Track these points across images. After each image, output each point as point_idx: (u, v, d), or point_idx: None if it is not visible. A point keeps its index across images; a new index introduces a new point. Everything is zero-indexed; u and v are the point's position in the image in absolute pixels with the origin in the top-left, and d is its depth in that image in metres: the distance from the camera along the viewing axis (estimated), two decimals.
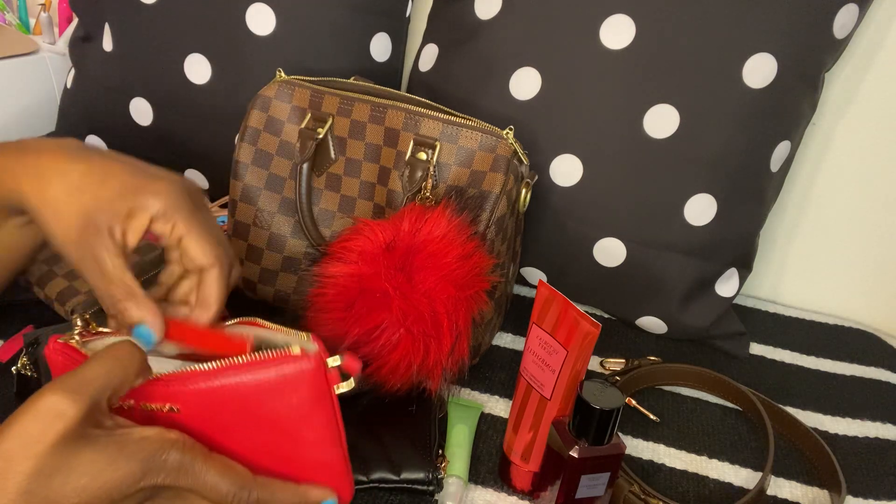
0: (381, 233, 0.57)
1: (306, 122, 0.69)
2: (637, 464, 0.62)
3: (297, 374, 0.39)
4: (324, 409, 0.41)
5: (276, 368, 0.39)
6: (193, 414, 0.40)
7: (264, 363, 0.39)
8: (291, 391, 0.40)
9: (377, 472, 0.54)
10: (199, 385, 0.39)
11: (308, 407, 0.40)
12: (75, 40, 0.94)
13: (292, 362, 0.39)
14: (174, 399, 0.40)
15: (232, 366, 0.39)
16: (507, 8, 0.75)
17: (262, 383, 0.39)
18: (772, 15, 0.68)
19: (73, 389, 0.35)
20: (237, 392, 0.39)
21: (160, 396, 0.40)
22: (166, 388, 0.40)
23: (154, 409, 0.40)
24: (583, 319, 0.49)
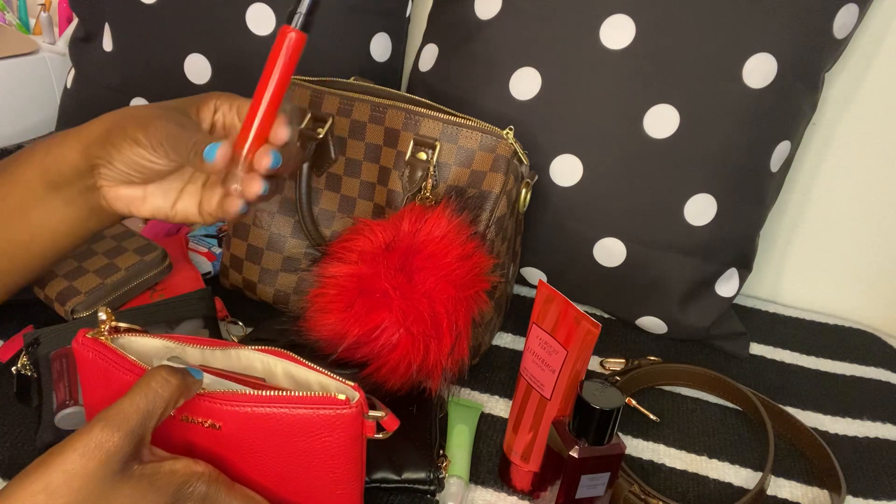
0: (381, 233, 0.57)
1: (306, 123, 0.69)
2: (637, 464, 0.62)
3: (337, 418, 0.42)
4: (353, 453, 0.44)
5: (320, 409, 0.42)
6: (232, 434, 0.43)
7: (310, 401, 0.42)
8: (328, 432, 0.43)
9: (378, 472, 0.54)
10: (245, 408, 0.42)
11: (339, 449, 0.43)
12: (75, 40, 0.94)
13: (336, 406, 0.42)
14: (218, 416, 0.42)
15: (281, 397, 0.42)
16: (507, 8, 0.75)
17: (303, 419, 0.42)
18: (772, 15, 0.68)
19: (116, 424, 0.37)
20: (278, 422, 0.42)
21: (205, 411, 0.42)
22: (211, 404, 0.42)
23: (195, 422, 0.43)
24: (583, 319, 0.49)
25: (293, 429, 0.42)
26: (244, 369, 0.47)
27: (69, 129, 0.51)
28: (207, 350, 0.47)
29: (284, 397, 0.42)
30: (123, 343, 0.46)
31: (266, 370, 0.47)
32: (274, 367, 0.47)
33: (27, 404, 0.58)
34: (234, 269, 0.73)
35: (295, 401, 0.42)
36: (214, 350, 0.47)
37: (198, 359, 0.47)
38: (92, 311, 0.65)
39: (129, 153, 0.48)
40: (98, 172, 0.50)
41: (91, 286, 0.66)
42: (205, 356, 0.47)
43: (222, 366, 0.47)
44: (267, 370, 0.47)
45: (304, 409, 0.42)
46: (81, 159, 0.49)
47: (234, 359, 0.47)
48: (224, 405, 0.42)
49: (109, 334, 0.45)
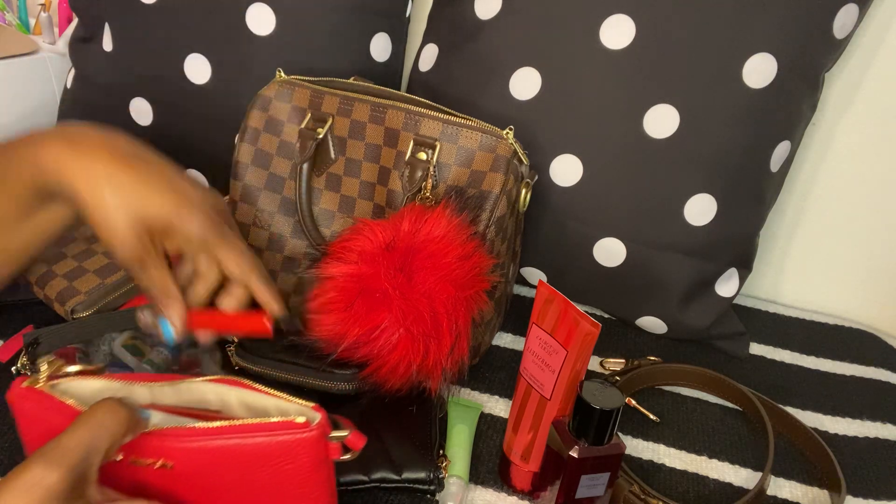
0: (380, 233, 0.57)
1: (306, 122, 0.69)
2: (637, 464, 0.62)
3: (297, 443, 0.39)
4: (319, 478, 0.41)
5: (278, 435, 0.39)
6: (186, 472, 0.40)
7: (266, 427, 0.39)
8: (290, 459, 0.40)
9: (378, 472, 0.54)
10: (195, 442, 0.39)
11: (304, 476, 0.40)
12: (75, 40, 0.94)
13: (293, 430, 0.39)
14: (168, 455, 0.39)
15: (233, 427, 0.39)
16: (507, 8, 0.75)
17: (261, 448, 0.39)
18: (772, 15, 0.68)
19: (55, 460, 0.34)
20: (234, 454, 0.39)
21: (153, 451, 0.39)
22: (161, 442, 0.39)
23: (145, 465, 0.40)
24: (583, 319, 0.49)
25: (252, 460, 0.39)
26: (197, 403, 0.44)
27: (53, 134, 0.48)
28: (156, 386, 0.44)
29: (238, 426, 0.39)
30: (65, 389, 0.42)
31: (220, 402, 0.44)
32: (228, 397, 0.44)
33: None
34: None
35: (249, 429, 0.39)
36: (163, 386, 0.44)
37: (146, 397, 0.44)
38: (92, 310, 0.65)
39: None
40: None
41: (91, 286, 0.66)
42: (153, 393, 0.44)
43: (173, 401, 0.44)
44: (221, 401, 0.44)
45: (261, 437, 0.39)
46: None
47: (185, 393, 0.44)
48: (173, 442, 0.39)
49: (49, 380, 0.42)
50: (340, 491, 0.53)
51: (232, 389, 0.44)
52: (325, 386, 0.58)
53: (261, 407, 0.43)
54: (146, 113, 0.88)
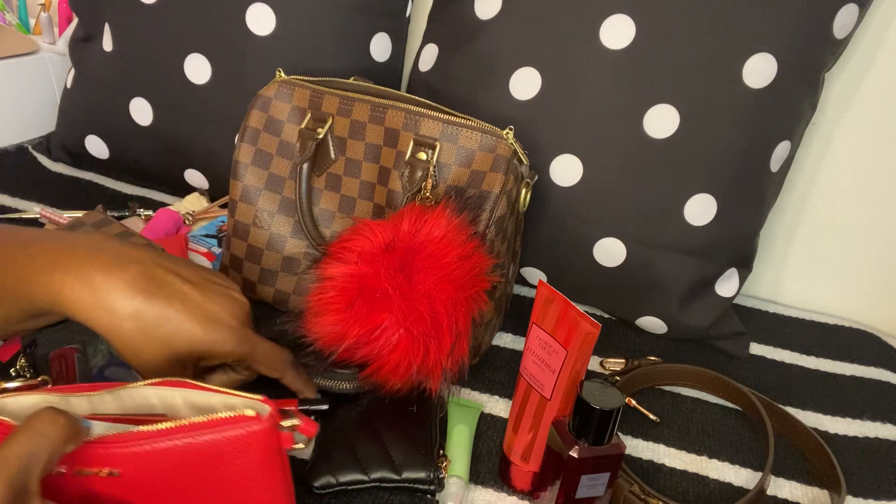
0: (380, 233, 0.57)
1: (306, 122, 0.69)
2: (637, 464, 0.62)
3: (246, 437, 0.38)
4: (274, 471, 0.40)
5: (227, 430, 0.38)
6: (135, 478, 0.38)
7: (215, 424, 0.37)
8: (241, 454, 0.38)
9: (378, 472, 0.54)
10: (141, 447, 0.37)
11: (258, 470, 0.39)
12: (75, 40, 0.94)
13: (242, 424, 0.38)
14: (114, 462, 0.38)
15: (180, 427, 0.37)
16: (507, 8, 0.75)
17: (211, 445, 0.38)
18: (772, 15, 0.68)
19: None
20: (183, 455, 0.38)
21: (98, 460, 0.38)
22: (105, 450, 0.37)
23: (91, 475, 0.38)
24: (583, 319, 0.49)
25: (202, 459, 0.38)
26: (140, 409, 0.43)
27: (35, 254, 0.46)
28: (95, 396, 0.42)
29: (185, 426, 0.37)
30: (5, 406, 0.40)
31: (165, 404, 0.43)
32: (172, 399, 0.43)
33: None
34: (234, 269, 0.73)
35: (197, 427, 0.37)
36: (102, 395, 0.42)
37: (86, 408, 0.42)
38: None
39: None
40: None
41: None
42: (93, 403, 0.42)
43: (115, 409, 0.43)
44: (166, 404, 0.43)
45: (210, 434, 0.37)
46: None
47: (126, 399, 0.43)
48: (118, 448, 0.37)
49: None
50: (340, 491, 0.53)
51: (175, 391, 0.42)
52: (325, 386, 0.58)
53: (207, 405, 0.42)
54: (146, 113, 0.88)
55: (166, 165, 0.91)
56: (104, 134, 0.93)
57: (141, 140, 0.90)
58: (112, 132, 0.92)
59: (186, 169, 0.90)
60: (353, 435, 0.56)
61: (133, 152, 0.92)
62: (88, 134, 0.93)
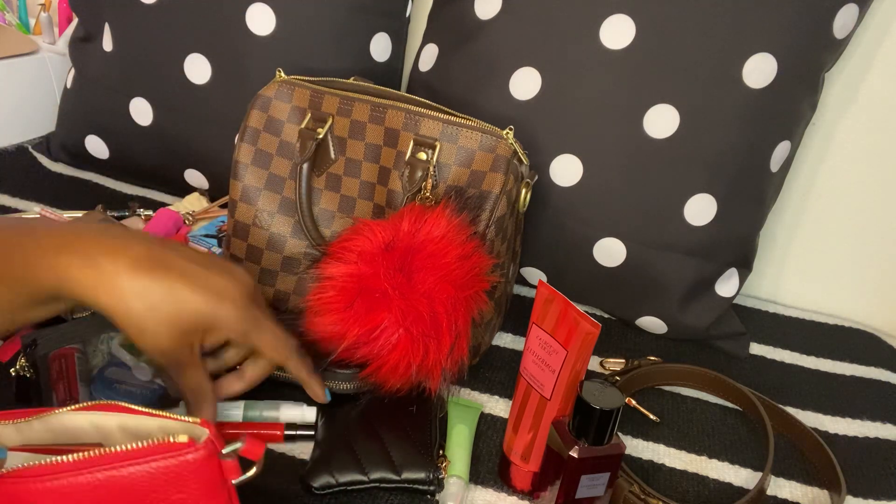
0: (380, 233, 0.57)
1: (306, 122, 0.69)
2: (637, 464, 0.62)
3: (183, 467, 0.34)
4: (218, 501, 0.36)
5: (157, 460, 0.34)
6: None
7: (143, 453, 0.33)
8: (178, 487, 0.34)
9: (377, 472, 0.54)
10: (61, 480, 0.33)
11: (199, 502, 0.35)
12: (75, 40, 0.94)
13: (177, 452, 0.34)
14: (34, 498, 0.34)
15: (101, 457, 0.33)
16: (507, 8, 0.75)
17: (140, 477, 0.34)
18: (772, 15, 0.68)
19: None
20: (111, 489, 0.34)
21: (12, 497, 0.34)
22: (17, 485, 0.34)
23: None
24: (583, 319, 0.49)
25: (133, 494, 0.33)
26: (74, 438, 0.39)
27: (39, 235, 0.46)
28: (22, 423, 0.38)
29: (107, 455, 0.33)
30: None
31: (100, 431, 0.39)
32: (106, 424, 0.39)
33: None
34: None
35: (122, 457, 0.33)
36: (31, 421, 0.38)
37: (14, 437, 0.38)
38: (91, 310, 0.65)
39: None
40: None
41: None
42: (21, 431, 0.38)
43: (44, 439, 0.39)
44: (100, 431, 0.39)
45: (137, 464, 0.33)
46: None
47: (57, 427, 0.39)
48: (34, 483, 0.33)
49: None
50: (340, 491, 0.53)
51: (110, 416, 0.39)
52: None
53: (142, 429, 0.38)
54: (146, 113, 0.88)
55: (166, 165, 0.91)
56: (104, 134, 0.93)
57: (141, 140, 0.90)
58: (112, 132, 0.92)
59: (186, 169, 0.90)
60: (353, 435, 0.56)
61: (133, 152, 0.92)
62: (88, 134, 0.93)
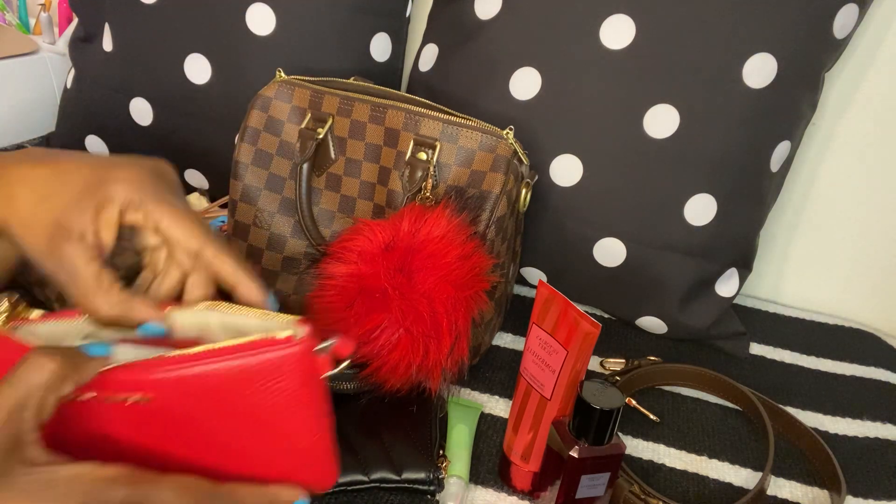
0: (380, 233, 0.57)
1: (306, 122, 0.69)
2: (637, 464, 0.62)
3: (282, 360, 0.36)
4: (310, 397, 0.38)
5: (261, 354, 0.36)
6: (165, 406, 0.37)
7: (248, 347, 0.36)
8: (276, 379, 0.36)
9: (378, 472, 0.54)
10: (173, 372, 0.36)
11: (293, 396, 0.37)
12: (75, 40, 0.94)
13: (277, 348, 0.36)
14: (145, 388, 0.36)
15: (212, 351, 0.36)
16: (507, 8, 0.75)
17: (244, 370, 0.36)
18: (772, 15, 0.68)
19: None
20: (217, 380, 0.36)
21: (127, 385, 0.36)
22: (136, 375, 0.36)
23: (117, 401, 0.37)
24: (583, 319, 0.49)
25: (235, 384, 0.36)
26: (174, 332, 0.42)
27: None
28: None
29: (217, 349, 0.36)
30: (31, 330, 0.39)
31: (200, 327, 0.41)
32: (208, 321, 0.41)
33: None
34: None
35: (229, 351, 0.36)
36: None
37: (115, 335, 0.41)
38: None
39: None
40: None
41: None
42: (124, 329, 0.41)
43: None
44: (201, 327, 0.41)
45: (243, 357, 0.36)
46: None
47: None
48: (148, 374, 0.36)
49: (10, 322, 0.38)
50: (339, 491, 0.53)
51: (213, 313, 0.41)
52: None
53: (242, 327, 0.40)
54: (146, 113, 0.88)
55: None
56: (104, 134, 0.92)
57: (141, 140, 0.90)
58: (112, 132, 0.92)
59: (186, 169, 0.90)
60: (353, 435, 0.56)
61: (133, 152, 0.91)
62: (88, 134, 0.93)
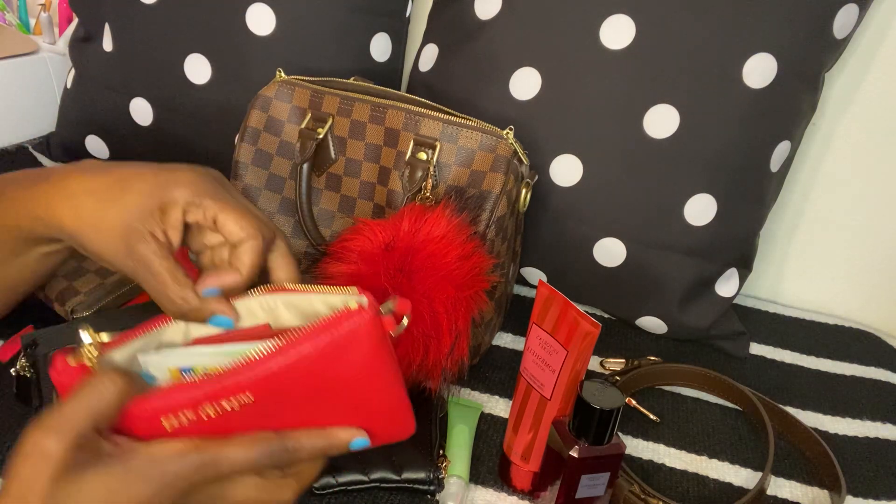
0: (380, 233, 0.57)
1: (306, 122, 0.69)
2: (637, 464, 0.62)
3: (359, 328, 0.39)
4: (385, 357, 0.41)
5: (342, 327, 0.38)
6: (265, 399, 0.39)
7: (329, 324, 0.38)
8: (356, 346, 0.39)
9: (378, 472, 0.54)
10: (269, 367, 0.38)
11: (371, 358, 0.40)
12: (75, 40, 0.94)
13: (353, 317, 0.38)
14: (245, 389, 0.39)
15: (301, 337, 0.38)
16: (507, 8, 0.75)
17: (329, 345, 0.38)
18: (772, 15, 0.68)
19: (55, 427, 0.35)
20: (308, 361, 0.39)
21: (228, 391, 0.39)
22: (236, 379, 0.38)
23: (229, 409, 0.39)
24: (583, 319, 0.49)
25: (323, 361, 0.39)
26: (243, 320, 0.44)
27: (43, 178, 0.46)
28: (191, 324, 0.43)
29: (304, 335, 0.38)
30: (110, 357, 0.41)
31: (268, 312, 0.44)
32: (274, 305, 0.44)
33: (27, 405, 0.58)
34: None
35: (315, 332, 0.38)
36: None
37: (178, 335, 0.43)
38: (92, 310, 0.65)
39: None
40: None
41: (91, 286, 0.66)
42: (187, 329, 0.43)
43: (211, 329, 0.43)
44: (269, 312, 0.44)
45: (328, 334, 0.38)
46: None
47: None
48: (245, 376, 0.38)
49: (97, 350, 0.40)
50: (340, 491, 0.53)
51: (276, 296, 0.44)
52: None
53: (308, 306, 0.43)
54: (146, 113, 0.88)
55: None
56: (104, 134, 0.93)
57: (141, 140, 0.90)
58: (112, 132, 0.92)
59: None
60: None
61: (133, 152, 0.92)
62: (88, 134, 0.93)
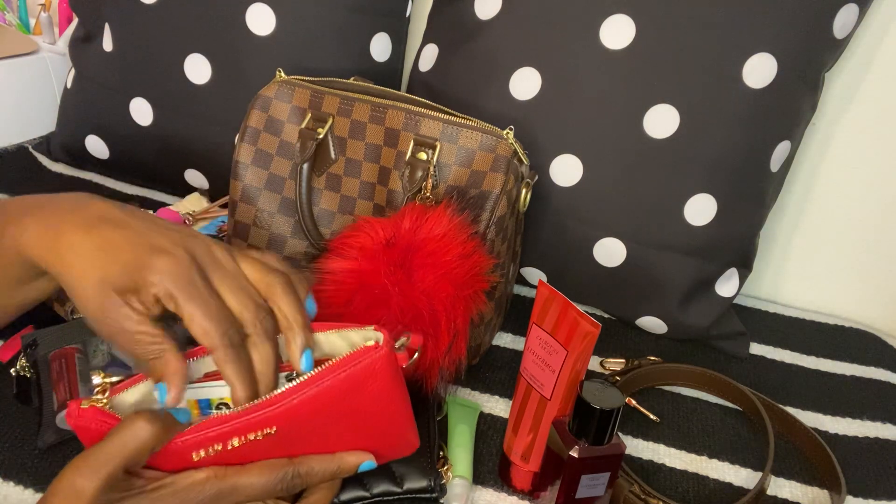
0: (381, 229, 0.57)
1: (306, 123, 0.69)
2: (637, 464, 0.62)
3: (375, 364, 0.43)
4: (397, 387, 0.45)
5: (360, 363, 0.42)
6: (287, 430, 0.43)
7: (348, 362, 0.42)
8: (372, 380, 0.43)
9: (380, 486, 0.53)
10: (293, 400, 0.42)
11: (385, 391, 0.44)
12: (75, 40, 0.94)
13: (370, 353, 0.43)
14: (270, 422, 0.43)
15: (322, 373, 0.42)
16: (507, 8, 0.75)
17: (347, 380, 0.43)
18: (772, 15, 0.68)
19: (91, 467, 0.38)
20: (328, 394, 0.43)
21: (261, 424, 0.42)
22: (265, 414, 0.42)
23: (254, 439, 0.43)
24: (583, 319, 0.49)
25: (341, 394, 0.43)
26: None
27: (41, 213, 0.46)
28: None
29: (325, 371, 0.42)
30: (122, 401, 0.43)
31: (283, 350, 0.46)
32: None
33: (27, 405, 0.58)
34: None
35: (335, 369, 0.42)
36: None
37: (208, 365, 0.45)
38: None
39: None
40: None
41: None
42: (199, 363, 0.46)
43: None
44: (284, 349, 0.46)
45: (348, 369, 0.42)
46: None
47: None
48: (270, 411, 0.42)
49: (105, 394, 0.43)
50: None
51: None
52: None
53: (328, 343, 0.47)
54: (146, 113, 0.88)
55: (166, 165, 0.91)
56: (104, 134, 0.93)
57: (141, 140, 0.90)
58: (112, 132, 0.92)
59: (186, 169, 0.90)
60: None
61: (133, 152, 0.92)
62: (88, 134, 0.93)
